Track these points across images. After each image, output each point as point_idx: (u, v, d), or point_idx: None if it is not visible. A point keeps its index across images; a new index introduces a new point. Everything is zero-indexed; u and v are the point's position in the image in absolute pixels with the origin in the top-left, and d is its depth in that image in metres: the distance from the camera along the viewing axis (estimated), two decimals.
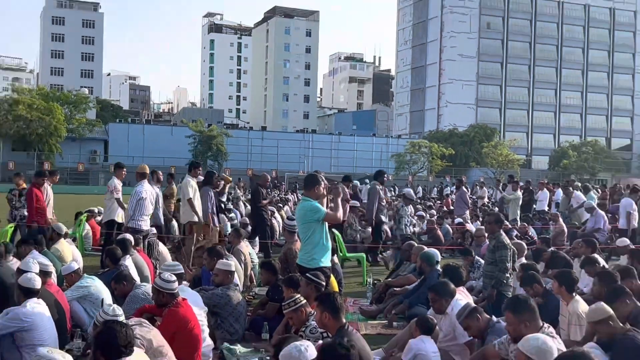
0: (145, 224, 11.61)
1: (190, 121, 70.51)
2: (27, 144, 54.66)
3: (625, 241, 13.58)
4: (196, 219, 12.66)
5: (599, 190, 31.98)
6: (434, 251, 10.67)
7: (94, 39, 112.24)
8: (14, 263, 7.90)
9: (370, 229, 17.27)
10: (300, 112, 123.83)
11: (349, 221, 16.79)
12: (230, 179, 18.78)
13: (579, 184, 28.68)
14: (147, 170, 11.80)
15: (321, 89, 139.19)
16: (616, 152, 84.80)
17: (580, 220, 19.82)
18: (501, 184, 33.09)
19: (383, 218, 17.22)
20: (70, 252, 9.60)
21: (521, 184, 27.29)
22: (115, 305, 5.95)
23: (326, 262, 8.02)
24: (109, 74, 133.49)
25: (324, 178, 8.46)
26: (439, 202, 37.47)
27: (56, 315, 6.46)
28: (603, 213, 20.05)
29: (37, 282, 6.21)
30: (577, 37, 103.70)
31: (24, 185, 14.35)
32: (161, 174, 13.10)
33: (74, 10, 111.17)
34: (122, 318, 5.09)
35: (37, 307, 5.96)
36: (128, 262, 8.89)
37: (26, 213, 13.35)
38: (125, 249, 9.24)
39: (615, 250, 14.26)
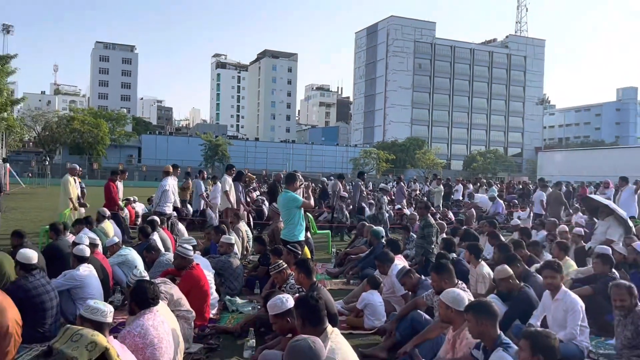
0: (169, 209, 11.83)
1: (202, 133, 72.94)
2: (80, 150, 58.23)
3: (517, 221, 14.58)
4: (230, 206, 13.03)
5: (498, 184, 34.92)
6: (380, 229, 11.13)
7: (130, 72, 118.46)
8: (70, 238, 8.10)
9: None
10: (283, 127, 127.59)
11: (338, 206, 17.49)
12: (254, 176, 18.90)
13: (484, 181, 34.25)
14: (170, 170, 12.11)
15: (299, 111, 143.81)
16: (511, 157, 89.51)
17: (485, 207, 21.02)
18: (428, 180, 34.72)
19: (364, 204, 18.18)
20: (112, 229, 9.88)
21: (443, 180, 28.85)
22: (141, 269, 6.23)
23: (302, 237, 8.41)
24: (141, 98, 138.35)
25: (300, 176, 8.94)
26: None
27: (101, 276, 6.83)
28: (501, 201, 22.14)
29: (87, 252, 6.62)
30: (483, 74, 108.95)
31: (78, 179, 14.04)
32: (179, 170, 13.22)
33: (116, 51, 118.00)
34: (146, 278, 5.31)
35: (87, 270, 6.40)
36: (155, 236, 9.13)
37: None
38: (153, 227, 9.44)
39: (509, 228, 15.06)
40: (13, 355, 4.70)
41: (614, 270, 7.21)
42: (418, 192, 31.42)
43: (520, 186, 31.85)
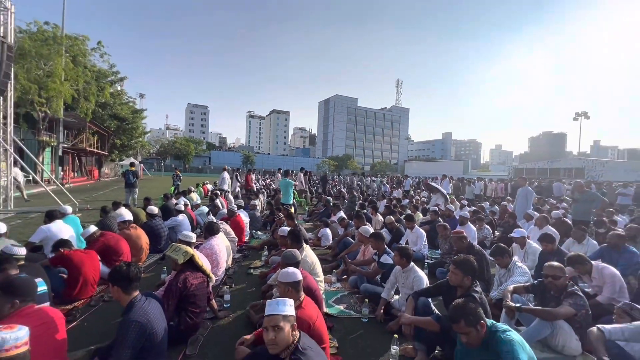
0: (226, 187, 11.43)
1: (241, 150, 75.35)
2: (179, 158, 57.16)
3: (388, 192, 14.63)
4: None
5: (387, 178, 32.99)
6: (329, 198, 10.40)
7: (205, 118, 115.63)
8: (173, 201, 7.64)
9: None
10: (281, 148, 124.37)
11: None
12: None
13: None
14: (226, 167, 11.69)
15: (290, 140, 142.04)
16: (393, 164, 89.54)
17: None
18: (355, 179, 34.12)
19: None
20: (196, 197, 9.45)
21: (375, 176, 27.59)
22: (211, 217, 6.37)
23: (291, 201, 8.27)
24: (211, 132, 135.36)
25: (293, 172, 8.93)
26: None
27: (190, 221, 6.61)
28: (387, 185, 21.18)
29: (182, 207, 6.63)
30: (379, 125, 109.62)
31: (178, 173, 14.02)
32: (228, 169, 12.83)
33: (198, 108, 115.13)
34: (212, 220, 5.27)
35: (182, 217, 6.19)
36: (217, 201, 8.24)
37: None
38: (216, 196, 8.75)
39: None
40: (144, 259, 4.93)
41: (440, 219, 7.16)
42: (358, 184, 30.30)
43: (396, 178, 31.23)
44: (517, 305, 2.95)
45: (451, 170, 48.82)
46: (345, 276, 4.62)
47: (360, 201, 10.54)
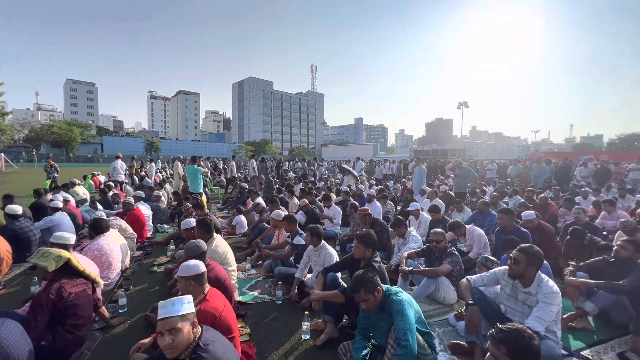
0: (120, 177, 9.91)
1: (143, 135, 64.67)
2: (59, 145, 45.48)
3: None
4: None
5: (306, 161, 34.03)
6: (245, 185, 10.48)
7: (93, 98, 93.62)
8: (48, 197, 6.33)
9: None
10: (192, 133, 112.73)
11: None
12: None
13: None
14: (120, 155, 9.83)
15: (202, 124, 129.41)
16: (311, 149, 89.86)
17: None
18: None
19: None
20: (82, 190, 7.87)
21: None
22: (102, 212, 5.33)
23: (200, 189, 7.54)
24: (102, 114, 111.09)
25: (203, 158, 8.19)
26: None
27: (72, 219, 5.53)
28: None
29: (60, 205, 5.36)
30: (296, 109, 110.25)
31: (52, 163, 11.33)
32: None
33: (82, 85, 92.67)
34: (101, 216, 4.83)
35: (59, 215, 5.17)
36: (109, 195, 7.40)
37: None
38: (109, 189, 7.80)
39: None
40: (5, 271, 3.90)
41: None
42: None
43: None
44: (410, 268, 3.39)
45: (363, 153, 52.81)
46: (260, 262, 4.57)
47: (277, 185, 10.50)
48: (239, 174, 16.21)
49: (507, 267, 2.56)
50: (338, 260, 3.33)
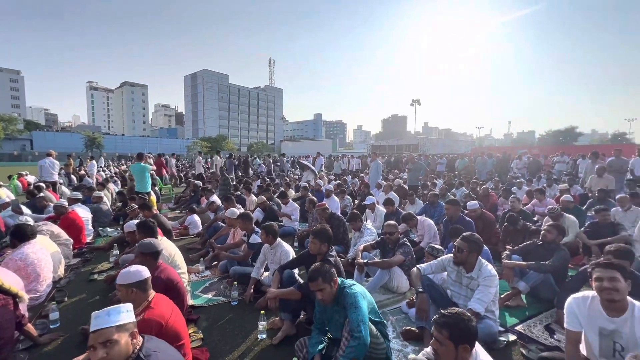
0: (51, 178, 8.48)
1: (82, 130, 57.29)
2: None
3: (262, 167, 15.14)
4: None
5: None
6: (199, 183, 10.25)
7: (18, 87, 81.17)
8: None
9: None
10: (140, 128, 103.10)
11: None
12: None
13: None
14: (53, 153, 8.70)
15: (151, 119, 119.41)
16: (270, 145, 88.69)
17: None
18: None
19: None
20: (4, 193, 7.01)
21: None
22: (28, 217, 4.51)
23: (147, 188, 7.01)
24: (30, 107, 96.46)
25: (151, 156, 7.65)
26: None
27: None
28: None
29: None
30: (254, 104, 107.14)
31: None
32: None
33: (3, 73, 79.35)
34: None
35: None
36: (41, 195, 6.42)
37: None
38: (39, 190, 6.66)
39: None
40: None
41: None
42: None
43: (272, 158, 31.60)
44: (365, 261, 3.49)
45: (323, 148, 53.15)
46: (215, 262, 4.40)
47: (234, 183, 10.17)
48: (193, 172, 15.46)
49: (452, 255, 2.74)
50: (295, 257, 3.31)
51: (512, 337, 2.67)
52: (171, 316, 2.10)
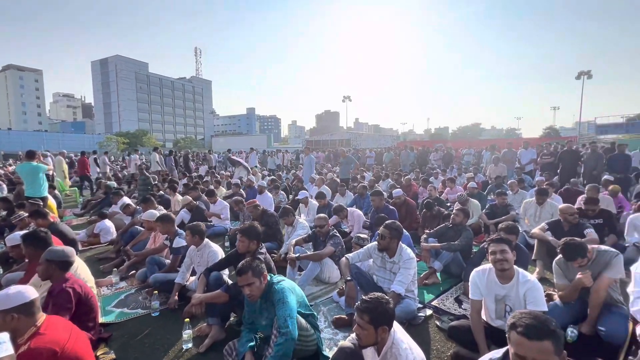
0: None
1: None
2: None
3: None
4: None
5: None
6: (113, 183, 8.86)
7: None
8: None
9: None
10: (35, 121, 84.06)
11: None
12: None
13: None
14: None
15: (49, 110, 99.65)
16: (200, 140, 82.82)
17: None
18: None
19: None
20: None
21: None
22: None
23: (42, 192, 5.84)
24: None
25: (49, 154, 6.38)
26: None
27: None
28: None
29: None
30: (180, 96, 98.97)
31: None
32: None
33: None
34: None
35: None
36: None
37: None
38: None
39: None
40: None
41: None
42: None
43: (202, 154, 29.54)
44: (297, 255, 3.50)
45: (257, 144, 51.80)
46: (133, 271, 3.94)
47: (156, 182, 9.27)
48: (111, 171, 13.61)
49: (377, 242, 2.91)
50: (223, 257, 3.14)
51: (429, 312, 2.96)
52: (69, 340, 1.79)
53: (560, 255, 2.87)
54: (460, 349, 2.35)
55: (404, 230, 3.71)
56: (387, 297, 1.68)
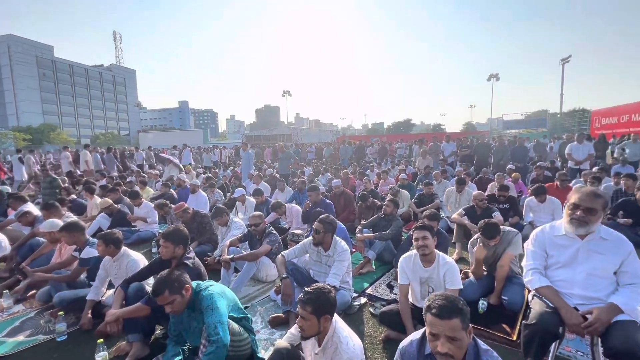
0: None
1: None
2: None
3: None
4: None
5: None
6: (6, 188, 7.57)
7: None
8: None
9: None
10: None
11: None
12: None
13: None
14: None
15: None
16: (124, 136, 74.72)
17: None
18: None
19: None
20: None
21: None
22: None
23: None
24: None
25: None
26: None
27: None
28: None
29: None
30: (97, 86, 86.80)
31: None
32: None
33: None
34: None
35: None
36: None
37: None
38: None
39: None
40: None
41: None
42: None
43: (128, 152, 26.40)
44: (231, 256, 3.34)
45: (192, 139, 48.29)
46: (33, 291, 3.35)
47: (67, 184, 8.06)
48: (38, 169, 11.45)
49: (312, 237, 2.92)
50: (146, 265, 2.84)
51: (363, 300, 3.08)
52: None
53: (474, 237, 3.22)
54: (391, 332, 2.48)
55: (340, 222, 3.83)
56: (328, 286, 1.72)
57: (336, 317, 1.76)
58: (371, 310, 2.92)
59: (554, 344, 1.92)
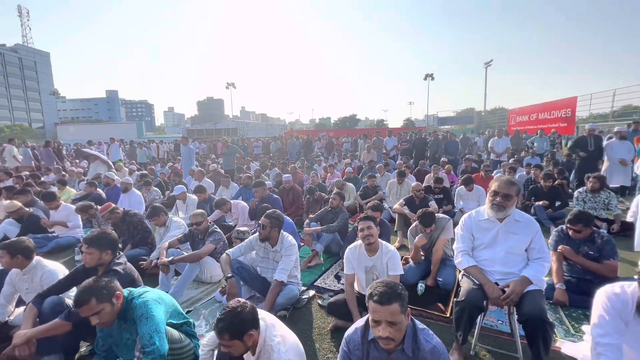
0: None
1: None
2: None
3: None
4: None
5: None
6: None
7: None
8: None
9: None
10: None
11: None
12: None
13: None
14: None
15: None
16: (36, 129, 63.87)
17: None
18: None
19: None
20: None
21: None
22: None
23: None
24: None
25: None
26: None
27: None
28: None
29: None
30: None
31: None
32: None
33: None
34: None
35: None
36: None
37: None
38: None
39: None
40: None
41: None
42: None
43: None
44: (170, 258, 3.11)
45: (123, 133, 43.59)
46: None
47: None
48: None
49: (258, 233, 2.85)
50: (65, 275, 2.49)
51: (312, 293, 3.12)
52: None
53: (412, 225, 3.45)
54: (338, 321, 2.55)
55: (287, 217, 3.80)
56: (241, 302, 1.57)
57: (266, 320, 1.66)
58: (319, 302, 2.96)
59: (479, 317, 2.15)
